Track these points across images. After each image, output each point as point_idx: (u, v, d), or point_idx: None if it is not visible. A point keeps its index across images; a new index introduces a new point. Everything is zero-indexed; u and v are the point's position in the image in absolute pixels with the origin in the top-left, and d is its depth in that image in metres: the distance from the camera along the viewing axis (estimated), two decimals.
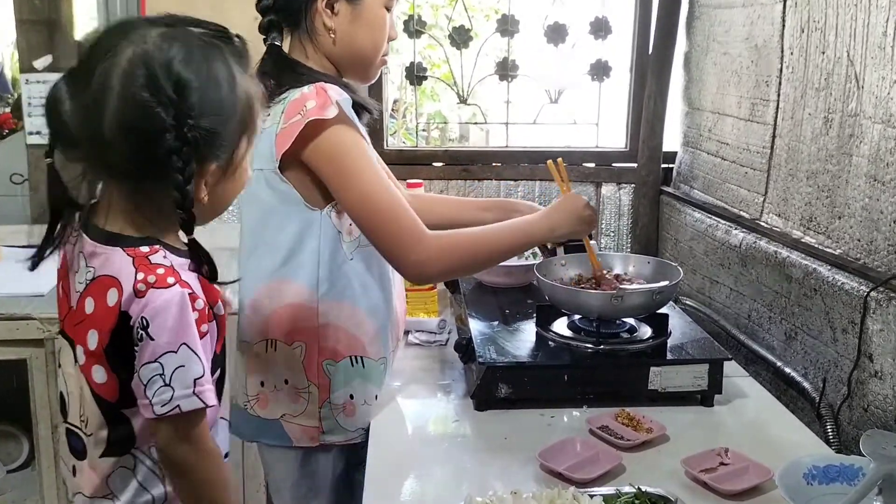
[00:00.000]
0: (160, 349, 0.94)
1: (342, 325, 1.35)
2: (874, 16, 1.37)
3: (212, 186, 1.00)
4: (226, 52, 0.98)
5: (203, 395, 0.97)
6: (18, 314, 1.81)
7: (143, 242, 0.99)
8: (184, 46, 0.93)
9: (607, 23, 2.31)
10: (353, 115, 1.28)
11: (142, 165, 0.94)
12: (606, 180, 2.35)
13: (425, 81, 2.45)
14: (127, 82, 0.91)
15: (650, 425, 1.31)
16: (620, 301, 1.43)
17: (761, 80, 1.76)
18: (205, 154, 0.96)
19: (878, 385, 1.34)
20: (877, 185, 1.37)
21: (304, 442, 1.36)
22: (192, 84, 0.92)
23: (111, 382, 1.00)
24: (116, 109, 0.91)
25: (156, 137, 0.91)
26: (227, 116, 0.97)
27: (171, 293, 0.95)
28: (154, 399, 0.95)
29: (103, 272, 0.98)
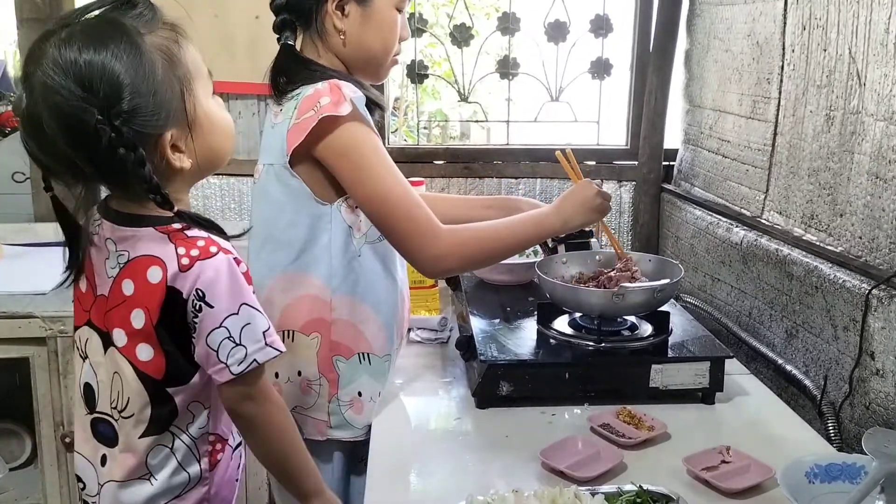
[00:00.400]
0: (221, 314, 1.00)
1: (352, 321, 1.36)
2: (876, 13, 1.37)
3: (186, 147, 1.02)
4: (124, 26, 0.97)
5: (275, 344, 1.04)
6: (21, 312, 1.81)
7: (171, 220, 1.02)
8: (78, 42, 0.94)
9: (608, 20, 2.30)
10: (366, 112, 1.29)
11: (104, 167, 0.97)
12: (607, 178, 2.35)
13: (426, 80, 2.45)
14: (48, 101, 0.94)
15: (651, 423, 1.31)
16: (621, 299, 1.43)
17: (762, 77, 1.76)
18: (149, 132, 0.97)
19: (880, 383, 1.34)
20: (879, 183, 1.37)
21: (314, 435, 1.37)
22: (99, 74, 0.93)
23: (158, 359, 1.03)
24: (56, 128, 0.95)
25: (95, 138, 0.94)
26: (152, 86, 0.96)
27: (218, 260, 1.00)
28: (229, 360, 1.01)
29: (139, 253, 1.02)
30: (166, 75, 0.99)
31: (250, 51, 1.34)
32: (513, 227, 1.37)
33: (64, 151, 0.96)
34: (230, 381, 1.02)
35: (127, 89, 0.94)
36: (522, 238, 1.38)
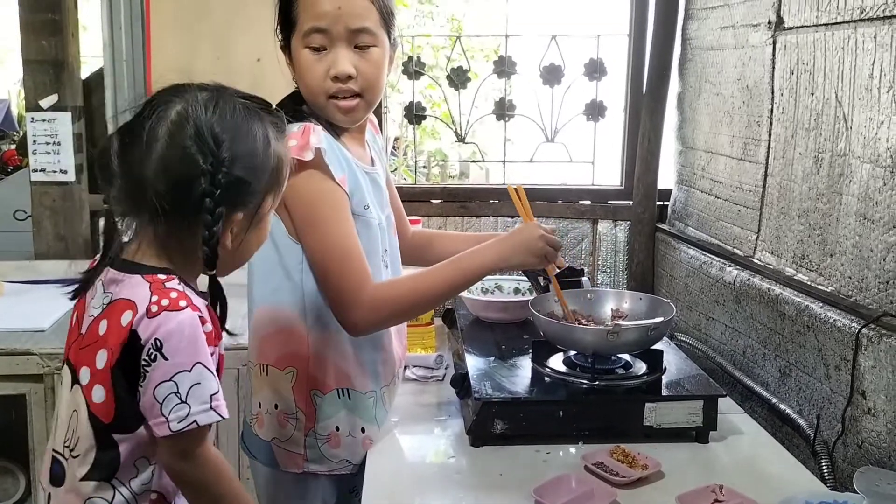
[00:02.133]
0: (174, 368, 1.00)
1: (331, 357, 1.37)
2: (860, 59, 1.41)
3: (236, 235, 1.08)
4: (264, 118, 1.08)
5: (219, 408, 1.03)
6: (19, 349, 1.82)
7: (161, 272, 1.06)
8: (226, 106, 1.04)
9: (602, 64, 2.35)
10: (335, 162, 1.30)
11: (177, 203, 1.02)
12: (602, 217, 2.38)
13: (424, 120, 2.49)
14: (172, 132, 1.02)
15: (645, 462, 1.32)
16: (616, 337, 1.44)
17: (753, 120, 1.80)
18: (234, 201, 1.05)
19: (872, 422, 1.35)
20: (867, 224, 1.39)
21: (291, 467, 1.38)
22: (228, 138, 1.03)
23: (108, 402, 1.03)
24: (160, 155, 1.01)
25: (192, 180, 1.01)
26: (258, 171, 1.07)
27: (183, 315, 1.01)
28: (171, 416, 1.00)
29: (121, 296, 1.04)
30: (273, 174, 1.09)
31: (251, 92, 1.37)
32: (442, 273, 1.37)
33: (145, 173, 1.01)
34: (168, 436, 1.01)
35: (244, 159, 1.04)
36: (451, 283, 1.36)
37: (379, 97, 1.38)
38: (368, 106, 1.36)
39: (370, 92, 1.34)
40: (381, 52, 1.33)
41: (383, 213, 1.45)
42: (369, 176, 1.41)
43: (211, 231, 1.02)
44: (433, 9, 4.47)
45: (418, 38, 2.50)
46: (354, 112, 1.34)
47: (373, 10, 1.31)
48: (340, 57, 1.30)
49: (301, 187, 1.27)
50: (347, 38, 1.30)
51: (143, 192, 1.02)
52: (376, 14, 1.31)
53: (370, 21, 1.30)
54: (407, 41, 2.53)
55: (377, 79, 1.33)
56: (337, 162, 1.31)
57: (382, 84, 1.36)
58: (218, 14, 2.28)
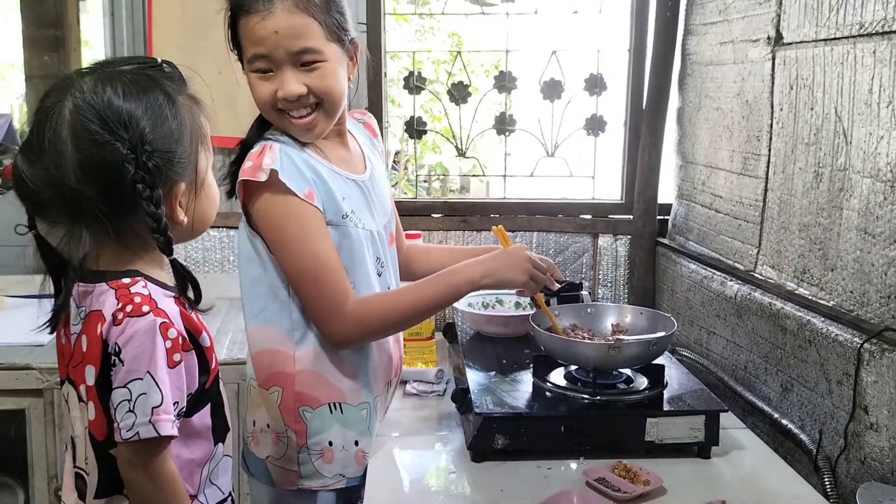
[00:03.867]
0: (128, 375, 0.98)
1: (319, 372, 1.37)
2: (860, 74, 1.41)
3: (187, 207, 1.05)
4: (159, 79, 1.04)
5: (159, 424, 0.98)
6: (18, 364, 1.81)
7: (125, 275, 1.04)
8: (118, 83, 1.00)
9: (602, 79, 2.36)
10: (298, 178, 1.28)
11: (112, 202, 0.99)
12: (603, 231, 2.38)
13: (425, 134, 2.50)
14: (76, 129, 0.97)
15: (647, 477, 1.31)
16: (617, 352, 1.44)
17: (752, 135, 1.80)
18: (168, 176, 1.02)
19: (875, 437, 1.35)
20: (867, 238, 1.39)
21: (286, 485, 1.39)
22: (135, 114, 0.98)
23: (100, 418, 1.02)
24: (74, 157, 0.96)
25: (117, 170, 0.97)
26: (178, 136, 1.03)
27: (143, 321, 0.99)
28: (121, 423, 0.98)
29: (93, 308, 1.03)
30: (190, 132, 1.05)
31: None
32: (425, 288, 1.37)
33: (71, 183, 0.97)
34: (120, 442, 0.99)
35: (157, 132, 1.00)
36: (432, 298, 1.36)
37: (339, 104, 1.34)
38: (328, 116, 1.34)
39: (327, 102, 1.31)
40: (331, 65, 1.30)
41: (377, 221, 1.43)
42: (354, 183, 1.39)
43: (155, 216, 0.99)
44: (434, 24, 4.50)
45: (419, 53, 2.50)
46: (313, 127, 1.33)
47: (313, 26, 1.27)
48: (287, 79, 1.28)
49: (264, 210, 1.28)
50: (291, 60, 1.27)
51: (75, 203, 0.98)
52: (318, 28, 1.27)
53: (312, 39, 1.27)
54: (408, 56, 2.54)
55: (331, 90, 1.31)
56: (300, 177, 1.29)
57: (340, 91, 1.33)
58: (219, 30, 2.27)
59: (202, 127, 1.08)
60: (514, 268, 1.40)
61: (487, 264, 1.40)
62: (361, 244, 1.37)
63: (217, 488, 1.15)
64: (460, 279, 1.37)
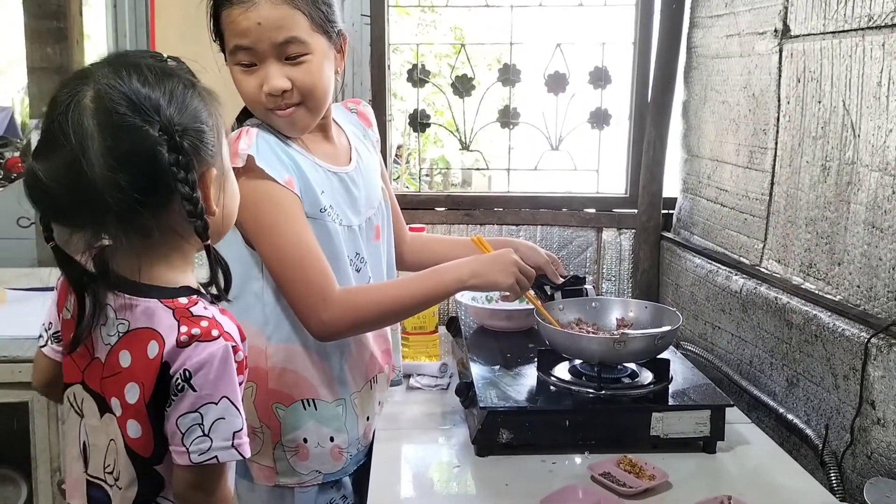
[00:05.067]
0: (201, 400, 0.95)
1: (292, 368, 1.35)
2: (868, 66, 1.40)
3: (217, 197, 1.01)
4: (175, 69, 1.00)
5: (241, 447, 0.98)
6: (22, 357, 1.81)
7: (179, 293, 0.99)
8: (140, 70, 0.95)
9: (607, 72, 2.35)
10: (277, 165, 1.26)
11: (147, 190, 0.92)
12: (607, 225, 2.37)
13: (429, 128, 2.49)
14: (102, 117, 0.91)
15: (652, 472, 1.31)
16: (622, 346, 1.43)
17: (759, 128, 1.79)
18: (203, 158, 0.97)
19: (882, 432, 1.34)
20: (875, 232, 1.38)
21: (263, 482, 1.37)
22: (162, 97, 0.94)
23: (146, 437, 0.99)
24: (102, 146, 0.90)
25: (152, 155, 0.91)
26: (204, 118, 0.98)
27: (215, 346, 0.96)
28: (192, 448, 0.95)
29: (140, 325, 0.98)
30: (214, 120, 1.00)
31: None
32: (411, 285, 1.35)
33: (100, 174, 0.90)
34: (188, 466, 0.97)
35: (185, 114, 0.95)
36: (422, 295, 1.34)
37: (325, 99, 1.32)
38: (312, 112, 1.31)
39: (311, 99, 1.29)
40: (318, 58, 1.27)
41: (357, 216, 1.40)
42: (336, 176, 1.37)
43: (192, 199, 0.94)
44: (436, 17, 4.48)
45: (420, 47, 2.49)
46: (297, 122, 1.30)
47: (297, 17, 1.24)
48: (271, 73, 1.25)
49: (242, 195, 1.21)
50: (275, 53, 1.24)
51: (101, 198, 0.90)
52: (303, 19, 1.24)
53: (297, 30, 1.24)
54: (410, 49, 2.52)
55: (315, 85, 1.28)
56: (279, 163, 1.27)
57: (325, 86, 1.30)
58: None
59: (221, 116, 1.04)
60: (501, 271, 1.38)
61: (476, 265, 1.38)
62: (339, 239, 1.34)
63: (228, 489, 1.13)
64: (449, 277, 1.36)
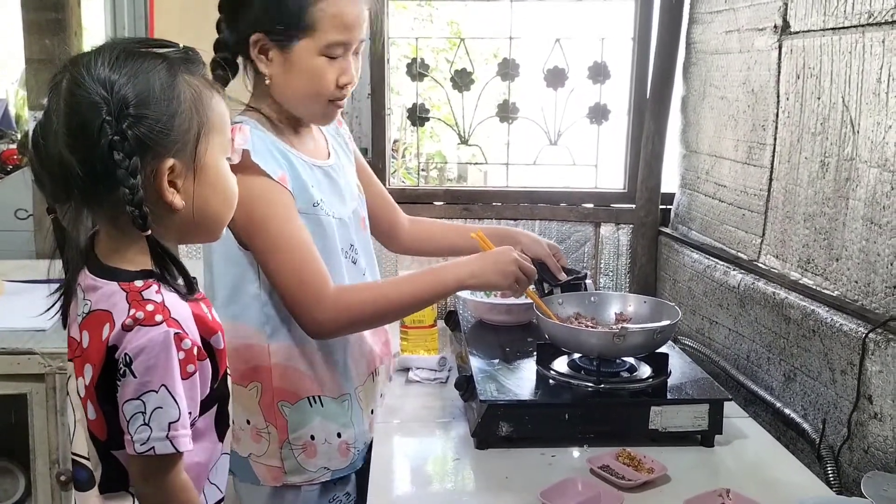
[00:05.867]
0: (143, 387, 0.94)
1: (295, 366, 1.35)
2: (868, 63, 1.41)
3: (183, 190, 0.99)
4: (164, 55, 0.99)
5: (176, 440, 0.95)
6: (20, 349, 1.81)
7: (137, 276, 0.99)
8: (113, 52, 0.96)
9: (606, 67, 2.35)
10: (271, 161, 1.27)
11: (91, 169, 0.94)
12: (605, 220, 2.38)
13: (428, 122, 2.49)
14: (67, 99, 0.95)
15: (651, 465, 1.31)
16: (621, 340, 1.44)
17: (758, 124, 1.80)
18: (154, 148, 0.96)
19: (878, 427, 1.35)
20: (873, 228, 1.39)
21: (269, 482, 1.37)
22: (121, 79, 0.94)
23: (100, 419, 0.99)
24: (64, 124, 0.94)
25: (96, 134, 0.93)
26: (169, 110, 0.97)
27: (156, 332, 0.94)
28: (135, 437, 0.95)
29: (98, 306, 0.98)
30: (189, 109, 0.99)
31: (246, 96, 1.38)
32: (408, 284, 1.35)
33: (59, 152, 0.94)
34: (134, 456, 0.96)
35: (144, 100, 0.95)
36: (420, 295, 1.34)
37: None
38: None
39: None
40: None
41: (345, 208, 1.41)
42: (321, 170, 1.39)
43: (130, 185, 0.93)
44: (433, 11, 4.47)
45: (421, 39, 2.49)
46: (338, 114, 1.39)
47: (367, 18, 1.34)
48: (352, 66, 1.33)
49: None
50: (356, 47, 1.33)
51: (64, 174, 0.95)
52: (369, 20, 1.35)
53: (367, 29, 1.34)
54: (408, 44, 2.52)
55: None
56: (273, 160, 1.28)
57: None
58: None
59: (212, 111, 1.02)
60: (499, 272, 1.38)
61: (475, 264, 1.38)
62: (333, 232, 1.35)
63: (216, 487, 1.12)
64: (448, 276, 1.36)
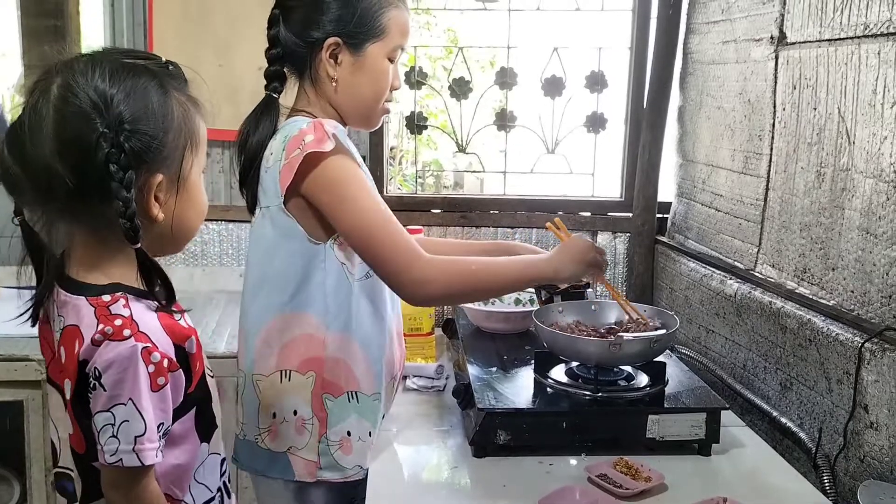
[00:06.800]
0: (112, 400, 0.95)
1: (343, 359, 1.37)
2: (864, 74, 1.42)
3: (165, 204, 1.01)
4: (154, 70, 1.01)
5: (142, 453, 0.96)
6: (16, 355, 1.81)
7: (105, 290, 1.00)
8: (109, 65, 0.97)
9: (603, 77, 2.36)
10: (349, 145, 1.33)
11: (83, 180, 0.95)
12: (602, 229, 2.39)
13: (426, 130, 2.50)
14: (58, 106, 0.94)
15: (649, 474, 1.32)
16: (618, 348, 1.44)
17: (754, 134, 1.81)
18: (146, 163, 0.98)
19: (874, 436, 1.35)
20: (869, 238, 1.40)
21: (304, 477, 1.37)
22: (118, 95, 0.95)
23: (77, 433, 1.01)
24: (52, 131, 0.94)
25: (92, 147, 0.93)
26: (164, 126, 0.99)
27: (124, 346, 0.95)
28: (105, 447, 0.96)
29: (70, 322, 0.99)
30: (179, 126, 1.01)
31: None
32: (504, 265, 1.37)
33: (44, 158, 0.94)
34: (104, 465, 0.98)
35: (139, 115, 0.96)
36: (513, 278, 1.37)
37: None
38: None
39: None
40: None
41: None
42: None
43: (124, 199, 0.95)
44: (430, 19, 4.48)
45: (419, 48, 2.50)
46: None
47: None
48: (399, 72, 1.45)
49: (328, 175, 1.28)
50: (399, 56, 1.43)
51: (49, 181, 0.94)
52: None
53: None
54: (407, 52, 2.53)
55: None
56: (350, 144, 1.35)
57: None
58: (220, 22, 2.28)
59: (196, 129, 1.04)
60: (583, 262, 1.41)
61: (561, 256, 1.40)
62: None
63: (205, 487, 1.12)
64: (536, 270, 1.39)
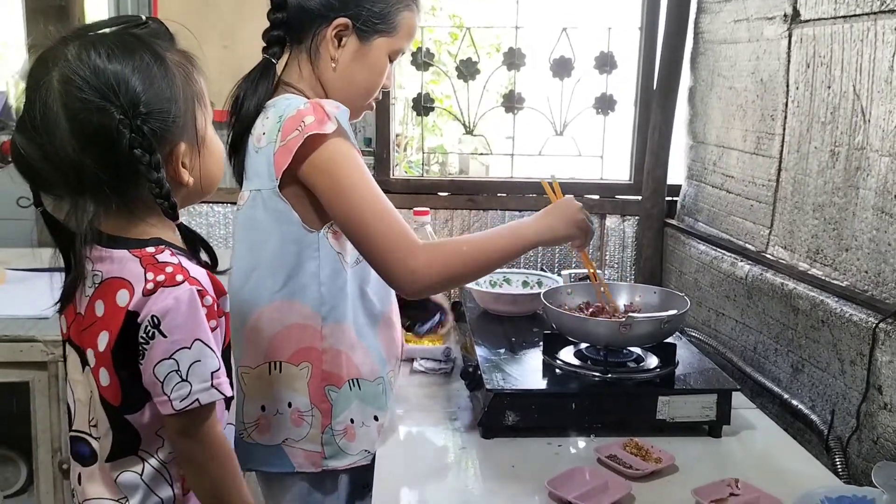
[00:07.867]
0: (174, 346, 0.97)
1: (343, 349, 1.34)
2: (880, 50, 1.39)
3: (192, 167, 1.04)
4: (144, 38, 1.00)
5: (221, 386, 1.00)
6: (23, 336, 1.80)
7: (147, 244, 1.02)
8: (103, 47, 0.96)
9: (612, 57, 2.34)
10: (348, 127, 1.29)
11: (113, 171, 0.96)
12: (611, 212, 2.37)
13: (429, 114, 2.47)
14: (66, 100, 0.94)
15: (659, 455, 1.30)
16: (629, 329, 1.42)
17: (767, 114, 1.78)
18: (167, 137, 0.99)
19: (888, 417, 1.34)
20: (884, 218, 1.38)
21: (307, 468, 1.35)
22: (123, 76, 0.95)
23: (114, 385, 1.01)
24: (68, 128, 0.94)
25: (113, 137, 0.94)
26: (170, 94, 0.99)
27: (180, 290, 0.97)
28: (173, 395, 0.97)
29: (112, 275, 1.01)
30: (184, 91, 1.02)
31: None
32: (492, 238, 1.32)
33: (69, 156, 0.95)
34: (172, 415, 0.99)
35: (149, 93, 0.97)
36: (504, 248, 1.31)
37: None
38: None
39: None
40: None
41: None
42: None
43: (157, 180, 0.97)
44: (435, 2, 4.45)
45: (425, 29, 2.47)
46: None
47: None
48: (392, 72, 1.46)
49: (327, 158, 1.23)
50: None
51: (76, 176, 0.96)
52: None
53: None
54: None
55: None
56: (349, 127, 1.30)
57: None
58: (225, 2, 2.27)
59: (196, 83, 1.05)
60: (572, 223, 1.37)
61: (549, 218, 1.37)
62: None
63: None
64: (528, 231, 1.33)
